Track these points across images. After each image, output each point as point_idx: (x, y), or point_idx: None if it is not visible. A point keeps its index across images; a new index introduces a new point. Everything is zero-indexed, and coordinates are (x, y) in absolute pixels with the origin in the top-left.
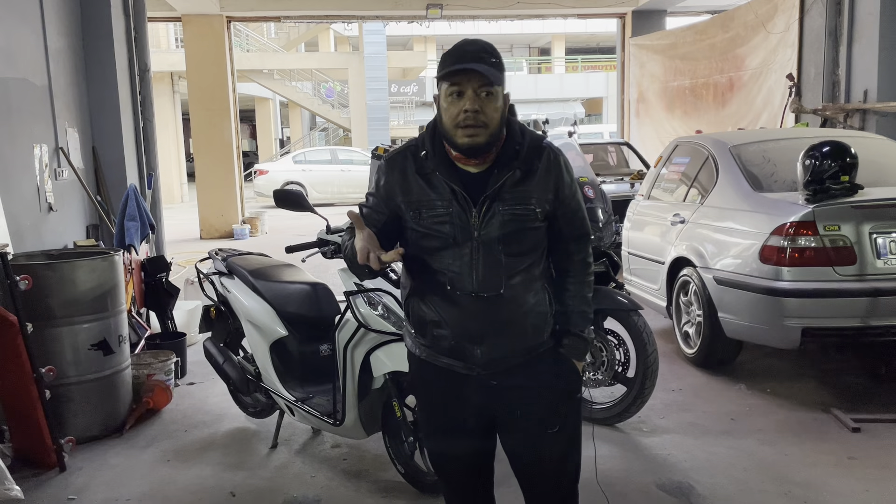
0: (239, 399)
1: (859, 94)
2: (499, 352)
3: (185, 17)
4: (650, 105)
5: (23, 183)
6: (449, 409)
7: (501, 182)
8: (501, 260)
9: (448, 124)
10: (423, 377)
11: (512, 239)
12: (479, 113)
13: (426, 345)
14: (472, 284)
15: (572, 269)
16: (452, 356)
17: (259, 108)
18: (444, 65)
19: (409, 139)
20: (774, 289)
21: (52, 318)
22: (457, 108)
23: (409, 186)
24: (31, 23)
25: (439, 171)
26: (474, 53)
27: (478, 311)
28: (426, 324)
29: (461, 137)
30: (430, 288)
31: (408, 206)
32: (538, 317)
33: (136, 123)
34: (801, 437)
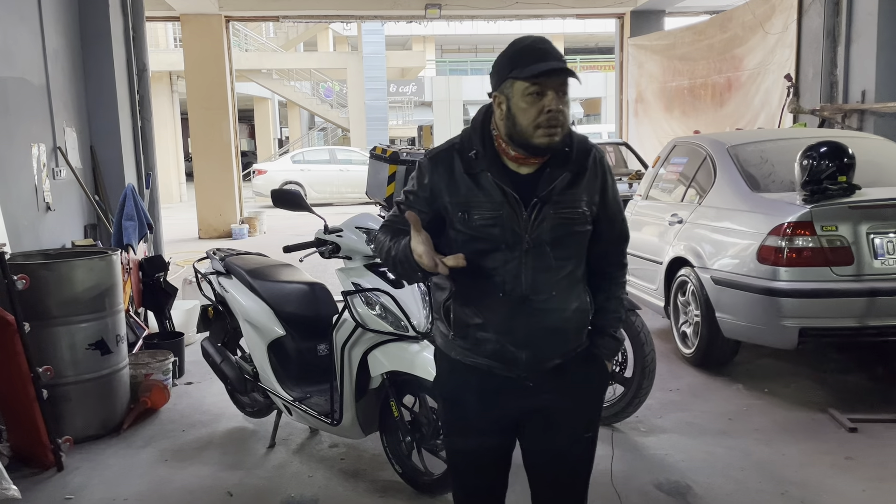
0: (237, 399)
1: (857, 94)
2: (542, 355)
3: (184, 17)
4: (648, 105)
5: (20, 182)
6: (481, 410)
7: (553, 184)
8: (552, 263)
9: (525, 125)
10: (456, 377)
11: (561, 242)
12: (559, 112)
13: (466, 347)
14: (521, 288)
15: (610, 271)
16: (494, 358)
17: (258, 108)
18: (524, 64)
19: (452, 137)
20: (772, 289)
21: (50, 317)
22: (537, 108)
23: (457, 186)
24: (29, 22)
25: (491, 172)
26: (553, 53)
27: (525, 316)
28: (469, 327)
29: (540, 137)
30: (476, 291)
31: (455, 206)
32: (581, 319)
33: (134, 123)
34: (798, 436)
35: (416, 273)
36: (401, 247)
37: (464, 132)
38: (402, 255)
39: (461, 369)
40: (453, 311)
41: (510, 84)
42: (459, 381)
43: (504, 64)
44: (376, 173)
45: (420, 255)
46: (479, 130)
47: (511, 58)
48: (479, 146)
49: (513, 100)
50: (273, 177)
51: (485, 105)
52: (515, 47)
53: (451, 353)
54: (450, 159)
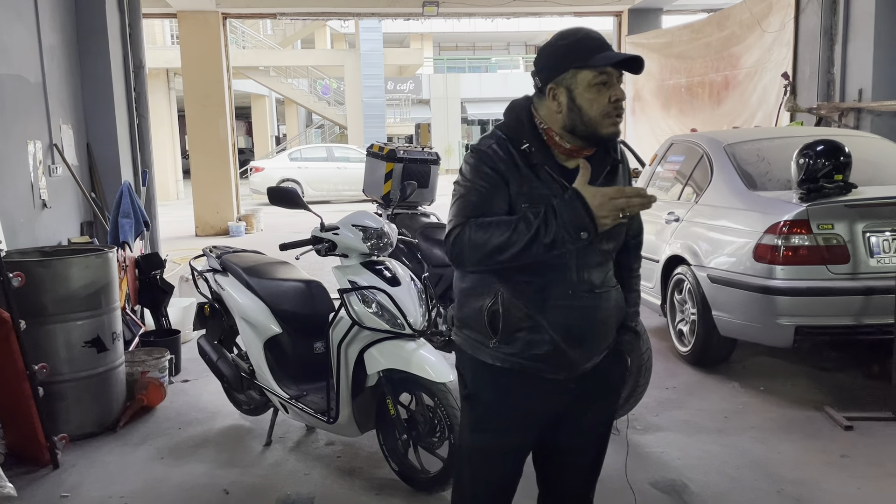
0: (233, 396)
1: (854, 92)
2: (592, 352)
3: (181, 14)
4: (646, 103)
5: (17, 179)
6: (518, 414)
7: (601, 176)
8: (604, 256)
9: (594, 115)
10: (497, 385)
11: (609, 234)
12: (622, 101)
13: (511, 353)
14: (581, 282)
15: (629, 263)
16: (544, 361)
17: (255, 105)
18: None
19: (491, 132)
20: (768, 287)
21: (46, 315)
22: (605, 97)
23: (521, 178)
24: (25, 18)
25: (547, 166)
26: (608, 45)
27: (583, 311)
28: (519, 330)
29: (608, 127)
30: (530, 290)
31: (521, 197)
32: (620, 311)
33: (130, 120)
34: (793, 435)
35: (581, 230)
36: (558, 207)
37: (504, 126)
38: (567, 211)
39: (501, 374)
40: (503, 316)
41: (572, 75)
42: (500, 389)
43: (562, 55)
44: (373, 171)
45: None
46: (528, 124)
47: (570, 49)
48: (532, 139)
49: (576, 90)
50: (270, 174)
51: (520, 99)
52: (571, 38)
53: (488, 359)
54: (507, 149)
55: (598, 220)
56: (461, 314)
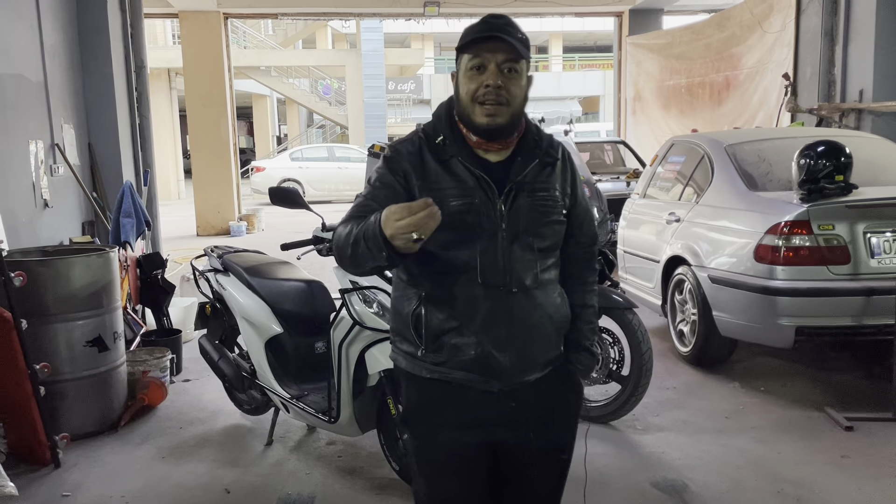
0: (234, 396)
1: (855, 93)
2: (524, 361)
3: (182, 14)
4: (646, 104)
5: (18, 179)
6: (456, 436)
7: (527, 170)
8: (531, 254)
9: (465, 100)
10: (427, 400)
11: (539, 231)
12: (502, 89)
13: (439, 361)
14: (502, 277)
15: (582, 274)
16: (472, 369)
17: (256, 105)
18: (467, 35)
19: (416, 129)
20: (769, 287)
21: (47, 314)
22: (476, 82)
23: (427, 173)
24: (27, 18)
25: (461, 157)
26: (500, 26)
27: (507, 310)
28: (443, 334)
29: (479, 116)
30: (450, 288)
31: (425, 191)
32: (562, 322)
33: (132, 120)
34: (794, 435)
35: (381, 250)
36: (370, 221)
37: (427, 123)
38: (371, 229)
39: (433, 391)
40: (426, 318)
41: (459, 60)
42: (432, 403)
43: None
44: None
45: (415, 222)
46: (445, 117)
47: (464, 31)
48: (447, 131)
49: (460, 75)
50: (271, 174)
51: (450, 97)
52: (471, 26)
53: (420, 372)
54: (417, 147)
55: (391, 241)
56: (394, 325)
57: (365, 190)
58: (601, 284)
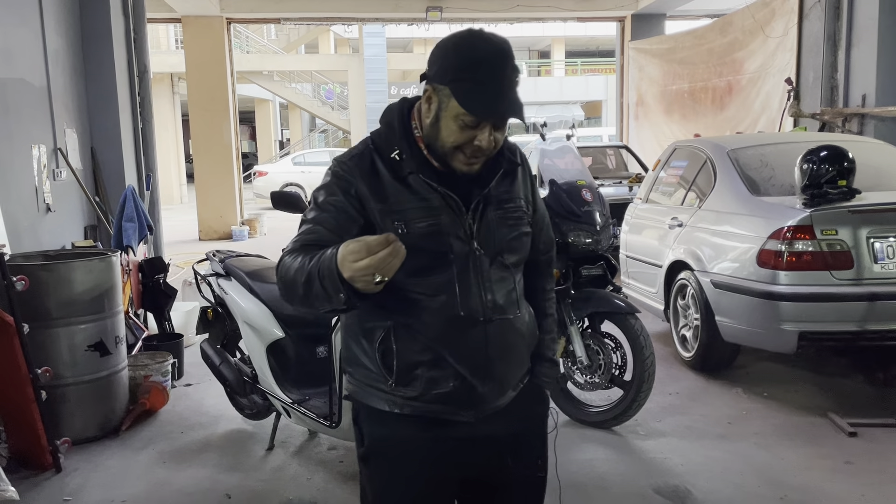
0: (235, 401)
1: (858, 98)
2: (503, 387)
3: (185, 19)
4: (649, 108)
5: (21, 183)
6: (427, 473)
7: (493, 181)
8: (504, 272)
9: (448, 145)
10: (394, 436)
11: (509, 245)
12: (490, 148)
13: (411, 396)
14: (480, 303)
15: (541, 283)
16: (446, 401)
17: (259, 110)
18: (473, 87)
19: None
20: (771, 293)
21: (49, 318)
22: (466, 136)
23: (385, 192)
24: (30, 23)
25: (422, 174)
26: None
27: (486, 337)
28: (416, 366)
29: (458, 163)
30: (423, 317)
31: (386, 215)
32: (532, 338)
33: (134, 124)
34: (797, 441)
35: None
36: (324, 256)
37: (376, 133)
38: (327, 266)
39: (402, 427)
40: (398, 352)
41: (448, 93)
42: (401, 442)
43: (450, 65)
44: None
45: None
46: (400, 128)
47: (460, 63)
48: (403, 146)
49: (444, 111)
50: (274, 178)
51: (398, 101)
52: (469, 55)
53: (387, 407)
54: (370, 162)
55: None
56: (348, 353)
57: (311, 212)
58: (603, 289)
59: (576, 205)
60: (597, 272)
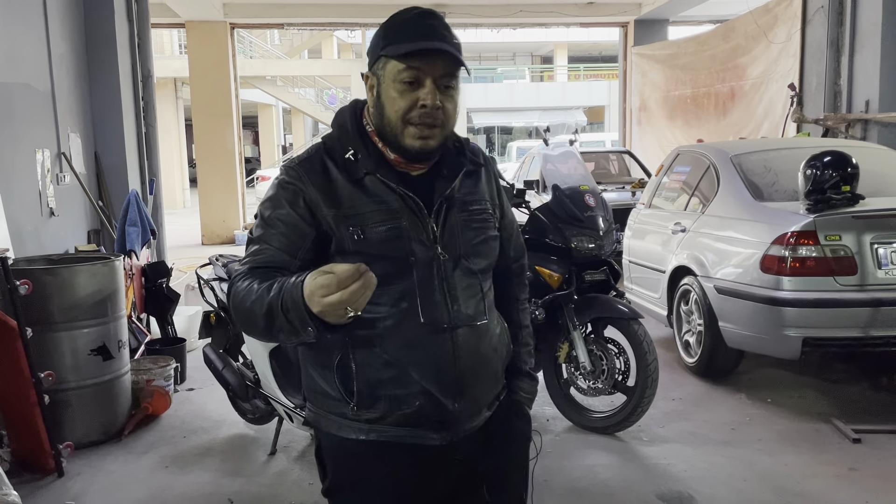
0: (238, 405)
1: (861, 104)
2: (475, 405)
3: (189, 24)
4: (652, 114)
5: (24, 187)
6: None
7: (454, 183)
8: (471, 279)
9: (394, 119)
10: (359, 467)
11: (477, 251)
12: (439, 110)
13: (374, 418)
14: (445, 311)
15: (514, 292)
16: (414, 422)
17: (262, 115)
18: (397, 38)
19: (313, 145)
20: (775, 298)
21: (52, 322)
22: (408, 99)
23: (338, 196)
24: (35, 28)
25: (380, 174)
26: (436, 29)
27: (454, 348)
28: (378, 385)
29: (410, 138)
30: (384, 329)
31: (341, 221)
32: (506, 351)
33: (138, 129)
34: (801, 447)
35: (306, 325)
36: (288, 286)
37: (328, 136)
38: (290, 299)
39: (366, 456)
40: (356, 368)
41: (382, 63)
42: (365, 476)
43: (379, 37)
44: None
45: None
46: (353, 127)
47: (387, 30)
48: (359, 144)
49: (383, 83)
50: None
51: (352, 101)
52: (396, 18)
53: (349, 434)
54: (321, 165)
55: (320, 315)
56: (308, 380)
57: (258, 229)
58: (606, 295)
59: (579, 210)
60: (600, 277)
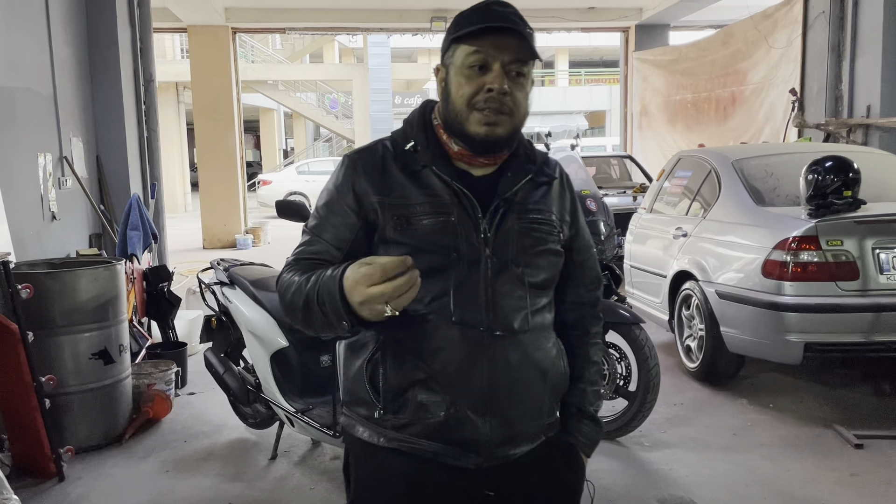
0: (239, 410)
1: (862, 109)
2: (510, 429)
3: (191, 28)
4: (653, 118)
5: (26, 191)
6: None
7: (518, 186)
8: (521, 289)
9: (459, 104)
10: (384, 476)
11: (532, 261)
12: (507, 96)
13: (402, 424)
14: (483, 317)
15: (584, 324)
16: (443, 437)
17: (263, 119)
18: (466, 23)
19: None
20: (777, 303)
21: (54, 326)
22: (476, 84)
23: (389, 184)
24: (37, 32)
25: (436, 166)
26: (508, 16)
27: (490, 360)
28: (407, 388)
29: (476, 125)
30: (416, 329)
31: (387, 209)
32: (558, 380)
33: (140, 133)
34: (803, 452)
35: (341, 318)
36: (324, 278)
37: (396, 131)
38: (327, 291)
39: (393, 465)
40: (384, 368)
41: (452, 51)
42: (390, 487)
43: (451, 26)
44: None
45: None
46: (419, 120)
47: (458, 18)
48: (420, 136)
49: (452, 72)
50: (278, 187)
51: (424, 101)
52: (468, 9)
53: (377, 440)
54: (379, 155)
55: (355, 310)
56: (345, 381)
57: (312, 220)
58: (608, 299)
59: None
60: None
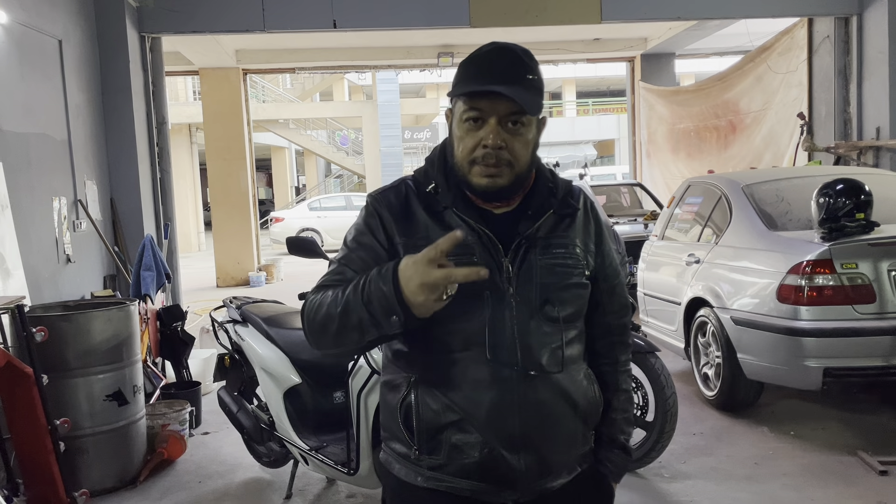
0: (253, 448)
1: (871, 131)
2: (545, 464)
3: (203, 71)
4: (658, 147)
5: (42, 235)
6: None
7: (539, 224)
8: (548, 326)
9: (460, 157)
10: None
11: (556, 296)
12: (503, 150)
13: (437, 464)
14: (513, 356)
15: (613, 352)
16: (479, 475)
17: (275, 157)
18: (464, 79)
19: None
20: (793, 328)
21: (68, 368)
22: (473, 139)
23: (414, 226)
24: (52, 79)
25: (457, 208)
26: (505, 69)
27: (522, 398)
28: (441, 429)
29: (477, 177)
30: (448, 370)
31: (412, 249)
32: (590, 410)
33: (153, 174)
34: (826, 481)
35: (390, 313)
36: (372, 277)
37: (418, 170)
38: (377, 288)
39: (430, 501)
40: (417, 409)
41: (454, 102)
42: None
43: (456, 75)
44: None
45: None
46: (439, 162)
47: (462, 67)
48: (440, 178)
49: (454, 122)
50: (290, 224)
51: (445, 138)
52: (473, 54)
53: (414, 479)
54: (403, 196)
55: (410, 300)
56: (383, 418)
57: (341, 252)
58: None
59: None
60: None
